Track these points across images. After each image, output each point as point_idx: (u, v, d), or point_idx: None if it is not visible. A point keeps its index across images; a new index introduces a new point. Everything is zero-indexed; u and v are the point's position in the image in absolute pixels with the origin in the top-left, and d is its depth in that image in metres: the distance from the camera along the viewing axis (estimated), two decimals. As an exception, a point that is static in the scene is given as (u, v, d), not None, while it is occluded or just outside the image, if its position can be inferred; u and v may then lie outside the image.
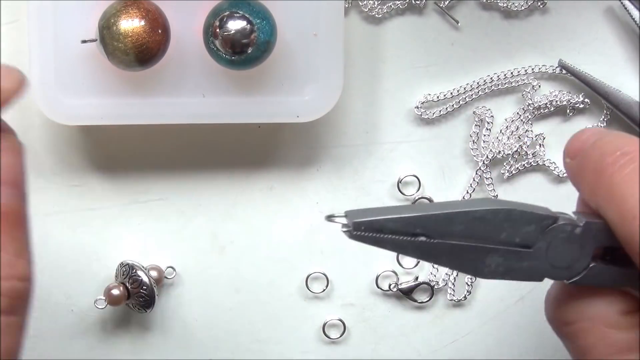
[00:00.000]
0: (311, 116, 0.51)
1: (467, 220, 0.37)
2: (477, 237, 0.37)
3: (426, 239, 0.37)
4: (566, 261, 0.38)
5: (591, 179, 0.38)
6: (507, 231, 0.37)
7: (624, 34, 0.54)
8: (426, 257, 0.37)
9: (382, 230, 0.36)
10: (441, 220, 0.37)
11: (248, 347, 0.55)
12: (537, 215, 0.38)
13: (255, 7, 0.47)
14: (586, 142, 0.39)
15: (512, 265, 0.38)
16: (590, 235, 0.38)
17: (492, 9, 0.54)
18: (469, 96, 0.54)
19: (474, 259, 0.37)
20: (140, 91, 0.50)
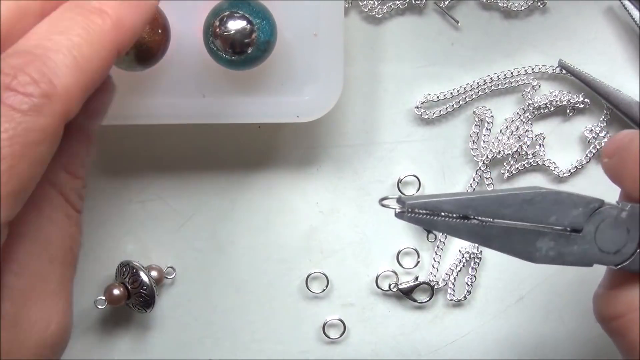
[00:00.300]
0: (311, 116, 0.51)
1: (517, 202, 0.38)
2: (528, 220, 0.38)
3: (478, 222, 0.38)
4: (614, 245, 0.39)
5: (633, 171, 0.39)
6: (556, 214, 0.38)
7: (624, 34, 0.54)
8: (479, 239, 0.38)
9: (435, 212, 0.37)
10: (492, 202, 0.38)
11: (248, 347, 0.55)
12: (584, 198, 0.39)
13: (255, 7, 0.47)
14: (623, 140, 0.41)
15: (562, 249, 0.38)
16: (637, 220, 0.39)
17: (492, 9, 0.54)
18: (469, 96, 0.54)
19: (526, 243, 0.38)
20: (140, 91, 0.50)
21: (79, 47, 0.36)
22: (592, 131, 0.54)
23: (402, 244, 0.55)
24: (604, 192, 0.55)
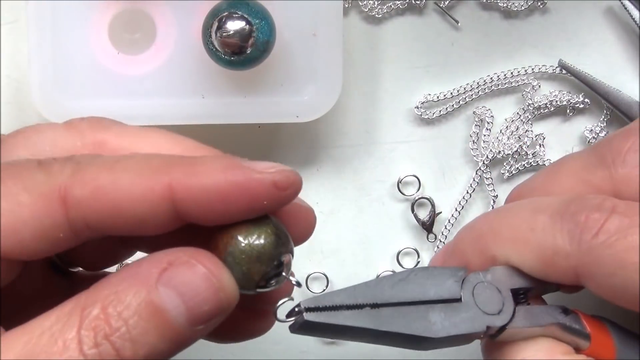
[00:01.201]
0: (311, 116, 0.51)
1: (394, 283, 0.38)
2: (412, 298, 0.38)
3: (371, 308, 0.38)
4: (495, 306, 0.39)
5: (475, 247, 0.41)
6: (433, 288, 0.39)
7: (624, 34, 0.54)
8: (378, 324, 0.38)
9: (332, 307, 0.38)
10: (374, 286, 0.38)
11: (248, 347, 0.55)
12: (449, 269, 0.40)
13: (254, 7, 0.47)
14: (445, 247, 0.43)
15: (453, 318, 0.39)
16: (501, 280, 0.40)
17: (492, 9, 0.54)
18: (469, 96, 0.54)
19: (420, 318, 0.38)
20: (139, 92, 0.50)
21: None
22: (592, 131, 0.54)
23: (402, 244, 0.55)
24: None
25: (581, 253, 0.36)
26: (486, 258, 0.40)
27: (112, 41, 0.50)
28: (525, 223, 0.38)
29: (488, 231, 0.40)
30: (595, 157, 0.40)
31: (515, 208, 0.40)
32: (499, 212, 0.40)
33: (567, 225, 0.37)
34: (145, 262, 0.34)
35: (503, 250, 0.39)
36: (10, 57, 0.52)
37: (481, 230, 0.40)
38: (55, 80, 0.49)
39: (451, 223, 0.55)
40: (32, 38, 0.49)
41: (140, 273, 0.33)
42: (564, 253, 0.37)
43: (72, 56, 0.49)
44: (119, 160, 0.34)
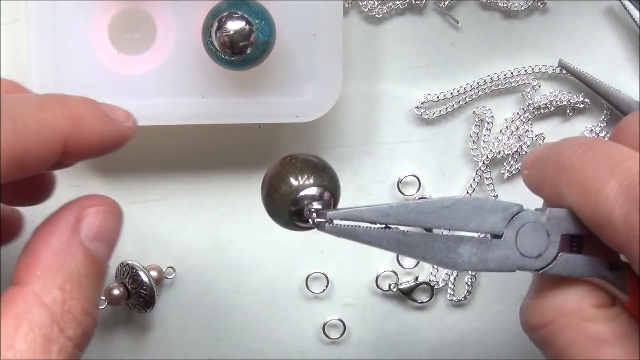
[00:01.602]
0: (311, 116, 0.51)
1: (436, 209, 0.38)
2: (448, 227, 0.38)
3: (399, 230, 0.38)
4: (535, 250, 0.39)
5: (552, 175, 0.40)
6: (476, 220, 0.38)
7: (624, 34, 0.54)
8: (401, 248, 0.38)
9: (357, 222, 0.38)
10: (411, 210, 0.38)
11: (248, 347, 0.55)
12: (503, 204, 0.39)
13: (254, 7, 0.47)
14: (542, 150, 0.42)
15: (484, 255, 0.39)
16: (556, 223, 0.39)
17: (492, 9, 0.54)
18: (469, 96, 0.54)
19: (448, 250, 0.38)
20: (139, 93, 0.50)
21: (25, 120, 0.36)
22: (592, 131, 0.54)
23: (402, 244, 0.55)
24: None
25: (626, 236, 0.36)
26: (555, 191, 0.40)
27: (112, 41, 0.50)
28: (595, 181, 0.38)
29: (567, 167, 0.39)
30: None
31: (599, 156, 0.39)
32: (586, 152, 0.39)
33: (629, 205, 0.36)
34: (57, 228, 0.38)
35: (570, 195, 0.39)
36: (10, 57, 0.52)
37: (564, 162, 0.39)
38: (55, 80, 0.49)
39: (451, 223, 0.55)
40: (32, 38, 0.49)
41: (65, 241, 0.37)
42: (614, 228, 0.36)
43: (72, 56, 0.49)
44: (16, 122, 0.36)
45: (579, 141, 0.40)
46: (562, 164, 0.39)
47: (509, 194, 0.55)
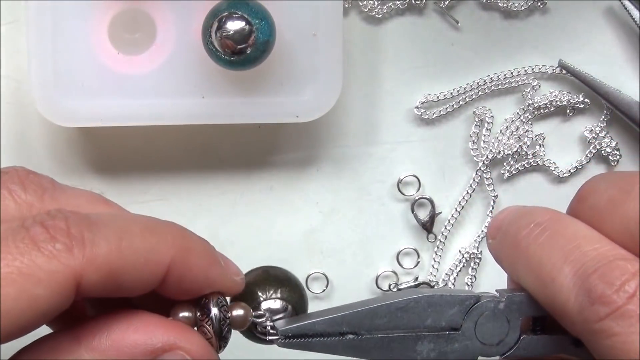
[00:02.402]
0: (311, 116, 0.51)
1: (390, 312, 0.37)
2: (404, 327, 0.38)
3: (354, 337, 0.37)
4: (496, 337, 0.38)
5: (510, 254, 0.40)
6: (432, 317, 0.38)
7: (624, 34, 0.54)
8: (357, 353, 0.37)
9: (311, 335, 0.37)
10: (365, 316, 0.37)
11: (248, 347, 0.55)
12: (459, 297, 0.38)
13: (254, 7, 0.47)
14: (504, 220, 0.41)
15: (444, 348, 0.38)
16: (515, 308, 0.39)
17: (492, 9, 0.54)
18: (469, 96, 0.54)
19: (405, 349, 0.38)
20: (139, 93, 0.50)
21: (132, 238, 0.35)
22: (592, 131, 0.54)
23: (402, 244, 0.55)
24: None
25: (581, 329, 0.36)
26: (514, 270, 0.39)
27: (112, 41, 0.50)
28: (551, 268, 0.37)
29: (524, 250, 0.39)
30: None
31: (555, 239, 0.38)
32: (543, 233, 0.39)
33: (582, 295, 0.36)
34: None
35: (526, 278, 0.38)
36: (10, 57, 0.52)
37: (520, 244, 0.39)
38: (55, 80, 0.49)
39: (451, 223, 0.55)
40: (32, 38, 0.49)
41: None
42: (570, 319, 0.36)
43: (72, 56, 0.49)
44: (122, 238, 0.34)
45: (537, 218, 0.39)
46: (519, 244, 0.39)
47: (509, 194, 0.55)
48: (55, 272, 0.33)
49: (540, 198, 0.55)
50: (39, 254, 0.33)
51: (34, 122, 0.53)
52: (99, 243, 0.34)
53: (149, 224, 0.36)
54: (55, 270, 0.33)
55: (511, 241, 0.40)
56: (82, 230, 0.34)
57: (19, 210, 0.36)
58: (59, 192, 0.38)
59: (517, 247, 0.39)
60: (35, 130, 0.53)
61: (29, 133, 0.53)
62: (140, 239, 0.35)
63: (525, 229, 0.39)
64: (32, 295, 0.32)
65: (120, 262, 0.34)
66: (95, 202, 0.39)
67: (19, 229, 0.33)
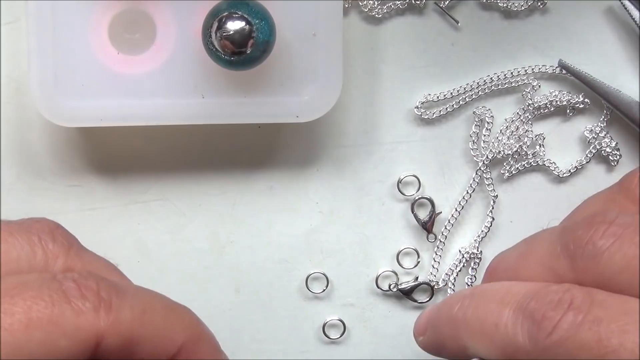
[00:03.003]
0: (311, 116, 0.51)
1: None
2: None
3: None
4: None
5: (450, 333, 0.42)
6: None
7: (624, 34, 0.54)
8: None
9: None
10: None
11: (248, 347, 0.55)
12: None
13: (254, 7, 0.47)
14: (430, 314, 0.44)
15: None
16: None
17: (492, 9, 0.54)
18: (469, 96, 0.54)
19: None
20: (139, 93, 0.50)
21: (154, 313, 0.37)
22: (592, 131, 0.54)
23: (402, 244, 0.55)
24: (604, 192, 0.55)
25: (538, 353, 0.37)
26: (458, 345, 0.41)
27: (112, 41, 0.50)
28: (491, 317, 0.39)
29: (461, 319, 0.41)
30: (561, 245, 0.40)
31: (486, 296, 0.41)
32: (473, 299, 0.42)
33: (527, 323, 0.38)
34: None
35: (472, 342, 0.40)
36: (10, 57, 0.52)
37: (456, 316, 0.42)
38: (55, 80, 0.49)
39: (451, 223, 0.55)
40: (32, 38, 0.49)
41: None
42: (524, 351, 0.38)
43: (72, 56, 0.49)
44: (145, 311, 0.37)
45: (464, 293, 0.43)
46: (455, 318, 0.41)
47: (509, 194, 0.55)
48: (81, 329, 0.35)
49: (540, 198, 0.55)
50: (69, 307, 0.35)
51: (34, 122, 0.53)
52: (125, 310, 0.36)
53: (169, 304, 0.39)
54: (81, 326, 0.35)
55: (447, 321, 0.42)
56: (110, 295, 0.36)
57: (46, 260, 0.38)
58: (82, 251, 0.40)
59: (455, 322, 0.41)
60: (35, 130, 0.53)
61: (29, 133, 0.53)
62: (161, 316, 0.37)
63: (457, 304, 0.42)
64: (56, 344, 0.34)
65: (140, 331, 0.36)
66: (111, 271, 0.41)
67: (52, 281, 0.36)
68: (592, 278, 0.39)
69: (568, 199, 0.55)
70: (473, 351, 0.40)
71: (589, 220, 0.40)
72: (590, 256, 0.39)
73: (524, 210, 0.55)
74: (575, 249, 0.40)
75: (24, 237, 0.38)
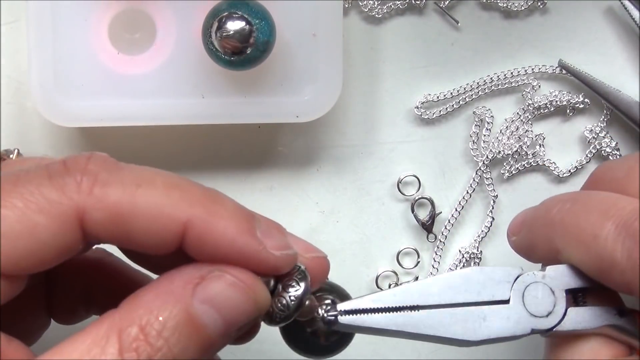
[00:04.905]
0: (310, 116, 0.51)
1: (441, 288, 0.39)
2: (457, 300, 0.39)
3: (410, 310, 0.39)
4: (544, 309, 0.39)
5: (545, 234, 0.40)
6: (481, 291, 0.39)
7: (624, 34, 0.54)
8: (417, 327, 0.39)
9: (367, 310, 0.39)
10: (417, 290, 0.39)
11: (248, 347, 0.55)
12: (503, 270, 0.39)
13: (254, 7, 0.47)
14: (526, 214, 0.42)
15: (496, 321, 0.39)
16: (557, 280, 0.40)
17: (492, 9, 0.54)
18: (469, 96, 0.54)
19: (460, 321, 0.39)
20: (139, 93, 0.50)
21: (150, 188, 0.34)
22: (592, 131, 0.54)
23: (402, 244, 0.55)
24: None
25: (633, 273, 0.36)
26: (550, 248, 0.40)
27: (112, 41, 0.50)
28: (591, 227, 0.38)
29: (559, 222, 0.40)
30: None
31: (589, 205, 0.39)
32: (575, 204, 0.40)
33: (629, 241, 0.36)
34: (177, 276, 0.34)
35: (567, 247, 0.39)
36: (10, 57, 0.52)
37: (554, 219, 0.40)
38: (55, 80, 0.49)
39: (451, 223, 0.55)
40: (32, 38, 0.49)
41: (174, 289, 0.34)
42: (620, 268, 0.37)
43: (72, 56, 0.49)
44: (140, 185, 0.34)
45: (564, 197, 0.41)
46: (553, 220, 0.40)
47: (509, 194, 0.55)
48: (58, 203, 0.33)
49: (540, 198, 0.55)
50: (49, 184, 0.33)
51: (34, 122, 0.53)
52: (113, 184, 0.34)
53: (174, 180, 0.35)
54: (57, 200, 0.33)
55: (543, 222, 0.40)
56: (100, 169, 0.34)
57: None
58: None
59: (552, 224, 0.40)
60: (36, 130, 0.53)
61: (29, 133, 0.53)
62: (159, 191, 0.34)
63: (555, 206, 0.40)
64: (32, 221, 0.33)
65: (130, 207, 0.33)
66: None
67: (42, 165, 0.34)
68: None
69: (568, 199, 0.55)
70: (565, 256, 0.39)
71: None
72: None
73: (524, 210, 0.55)
74: None
75: None
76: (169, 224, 0.34)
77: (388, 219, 0.55)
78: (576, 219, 0.39)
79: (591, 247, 0.38)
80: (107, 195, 0.34)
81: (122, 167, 0.35)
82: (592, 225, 0.38)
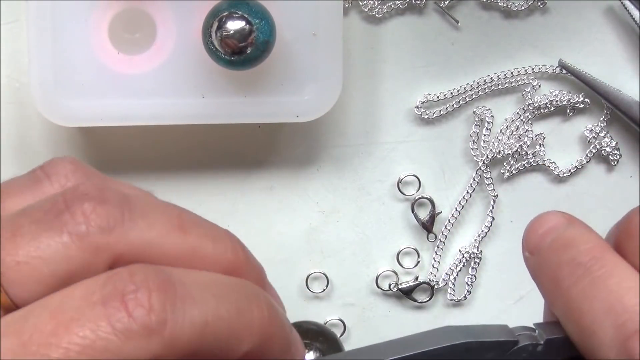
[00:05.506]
0: (311, 116, 0.51)
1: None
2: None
3: None
4: None
5: (549, 288, 0.38)
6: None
7: (624, 34, 0.54)
8: None
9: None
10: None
11: (248, 347, 0.55)
12: (497, 342, 0.37)
13: (254, 7, 0.47)
14: (544, 239, 0.39)
15: None
16: (554, 351, 0.38)
17: (492, 9, 0.54)
18: (469, 96, 0.54)
19: None
20: (139, 92, 0.50)
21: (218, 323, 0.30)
22: (592, 131, 0.54)
23: (402, 244, 0.55)
24: (604, 192, 0.55)
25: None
26: (550, 302, 0.38)
27: (112, 41, 0.50)
28: (592, 319, 0.35)
29: (565, 291, 0.37)
30: None
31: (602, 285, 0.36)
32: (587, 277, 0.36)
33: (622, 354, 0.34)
34: None
35: (565, 322, 0.37)
36: (10, 57, 0.52)
37: (562, 284, 0.37)
38: (55, 80, 0.49)
39: (451, 223, 0.55)
40: (32, 38, 0.49)
41: None
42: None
43: (72, 56, 0.49)
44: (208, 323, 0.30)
45: (580, 256, 0.37)
46: (560, 284, 0.37)
47: (509, 194, 0.55)
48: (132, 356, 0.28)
49: (540, 198, 0.55)
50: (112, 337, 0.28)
51: (34, 122, 0.53)
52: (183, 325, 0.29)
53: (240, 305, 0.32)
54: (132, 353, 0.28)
55: (551, 276, 0.38)
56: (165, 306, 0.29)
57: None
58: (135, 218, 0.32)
59: (558, 286, 0.37)
60: (36, 130, 0.53)
61: (29, 133, 0.53)
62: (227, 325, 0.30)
63: (567, 268, 0.37)
64: None
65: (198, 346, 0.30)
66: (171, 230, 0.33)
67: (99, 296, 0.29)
68: None
69: (568, 199, 0.55)
70: (562, 323, 0.37)
71: None
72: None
73: (524, 210, 0.55)
74: None
75: None
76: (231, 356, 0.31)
77: (388, 218, 0.55)
78: (582, 299, 0.36)
79: (586, 340, 0.36)
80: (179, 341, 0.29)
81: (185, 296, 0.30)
82: (593, 318, 0.35)
